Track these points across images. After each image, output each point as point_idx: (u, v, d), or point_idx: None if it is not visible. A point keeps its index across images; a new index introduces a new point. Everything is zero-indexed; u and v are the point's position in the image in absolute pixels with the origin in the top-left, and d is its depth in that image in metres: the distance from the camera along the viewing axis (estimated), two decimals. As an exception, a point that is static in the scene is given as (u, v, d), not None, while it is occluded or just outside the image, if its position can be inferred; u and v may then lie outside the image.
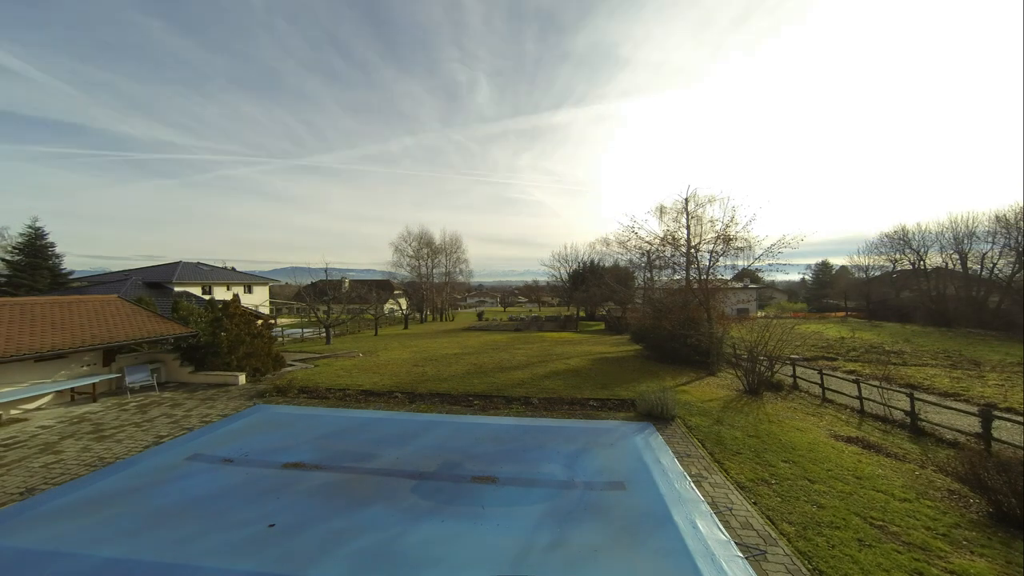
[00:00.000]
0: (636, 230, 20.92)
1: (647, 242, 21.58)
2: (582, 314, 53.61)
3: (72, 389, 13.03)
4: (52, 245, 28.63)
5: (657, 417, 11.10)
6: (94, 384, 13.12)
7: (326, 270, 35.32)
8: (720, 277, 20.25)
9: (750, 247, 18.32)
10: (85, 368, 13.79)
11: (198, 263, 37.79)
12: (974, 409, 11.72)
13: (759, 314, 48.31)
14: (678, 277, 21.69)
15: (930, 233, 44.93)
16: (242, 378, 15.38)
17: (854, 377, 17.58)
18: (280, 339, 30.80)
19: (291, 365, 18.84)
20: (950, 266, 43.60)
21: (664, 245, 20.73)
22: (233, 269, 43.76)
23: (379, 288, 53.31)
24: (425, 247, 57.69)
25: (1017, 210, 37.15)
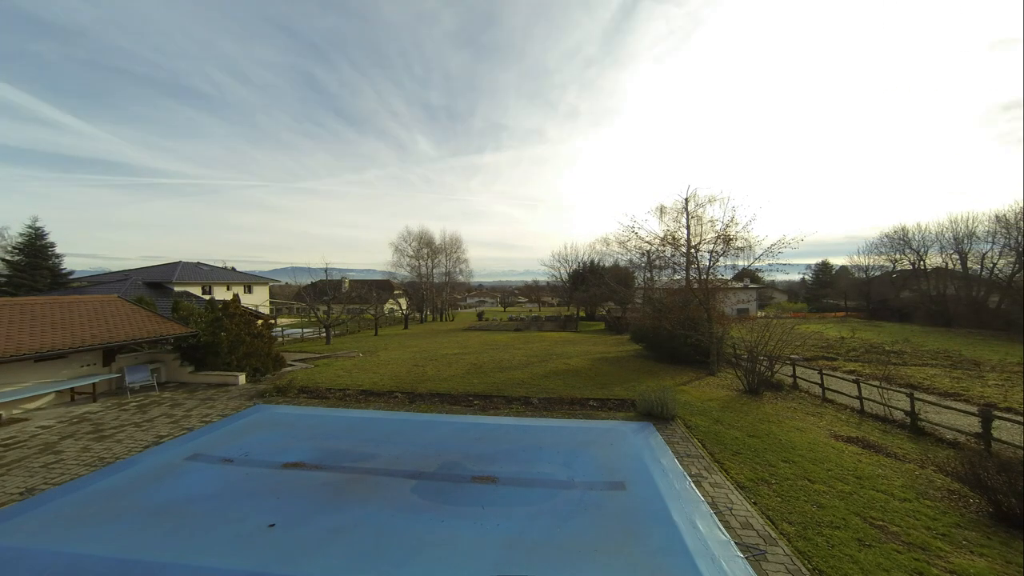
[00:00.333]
0: (636, 230, 20.89)
1: (647, 242, 21.54)
2: (582, 314, 53.59)
3: (72, 389, 13.04)
4: (52, 245, 28.65)
5: (657, 417, 11.10)
6: (94, 384, 13.12)
7: (326, 270, 35.34)
8: (720, 277, 20.24)
9: (750, 247, 18.29)
10: (85, 368, 13.78)
11: (198, 263, 37.75)
12: (974, 409, 11.71)
13: (759, 314, 48.31)
14: (678, 277, 21.67)
15: (930, 233, 45.10)
16: (242, 378, 15.39)
17: (854, 377, 17.56)
18: (280, 339, 30.80)
19: (291, 365, 18.85)
20: (950, 266, 43.65)
21: (664, 245, 20.69)
22: (233, 269, 43.72)
23: (379, 288, 53.38)
24: (425, 247, 57.79)
25: (1017, 210, 37.26)
